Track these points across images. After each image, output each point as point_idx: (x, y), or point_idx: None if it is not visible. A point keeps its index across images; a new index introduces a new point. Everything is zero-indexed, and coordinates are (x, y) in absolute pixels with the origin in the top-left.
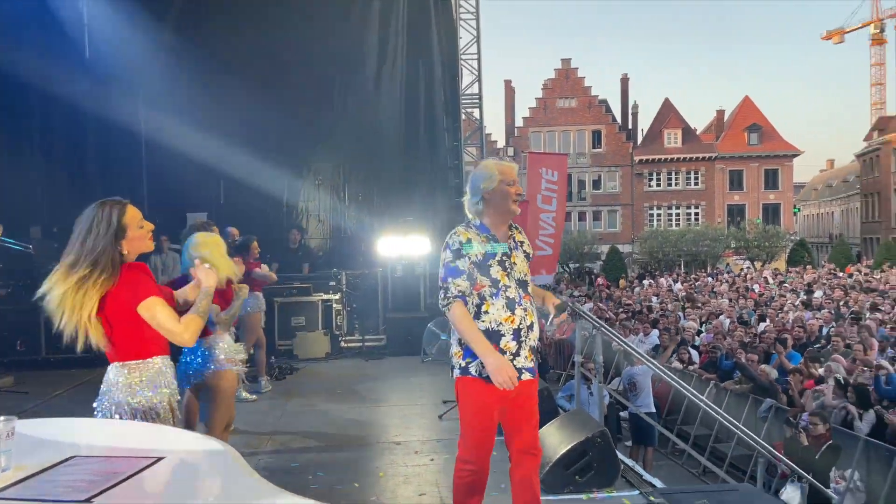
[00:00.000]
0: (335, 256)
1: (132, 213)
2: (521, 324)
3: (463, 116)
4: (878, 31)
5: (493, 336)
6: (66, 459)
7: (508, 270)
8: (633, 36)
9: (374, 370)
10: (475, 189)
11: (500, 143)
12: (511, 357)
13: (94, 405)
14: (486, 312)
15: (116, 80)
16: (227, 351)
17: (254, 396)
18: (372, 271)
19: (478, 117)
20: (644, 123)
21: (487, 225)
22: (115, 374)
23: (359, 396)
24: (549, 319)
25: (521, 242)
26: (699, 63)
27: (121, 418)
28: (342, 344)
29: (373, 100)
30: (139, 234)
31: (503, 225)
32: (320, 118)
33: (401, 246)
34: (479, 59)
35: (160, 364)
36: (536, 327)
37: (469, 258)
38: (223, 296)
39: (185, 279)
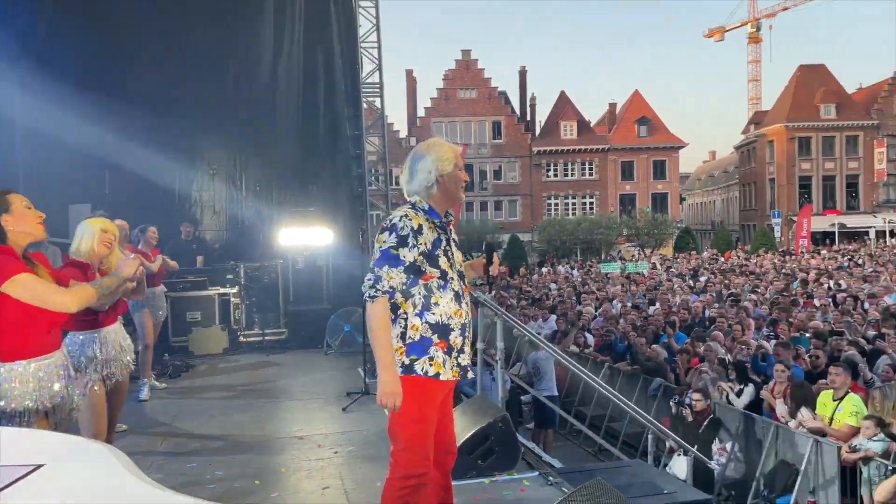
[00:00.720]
0: (232, 249)
1: (18, 196)
2: (466, 318)
3: (364, 106)
4: (755, 29)
5: (443, 330)
6: None
7: (451, 261)
8: (530, 29)
9: (274, 364)
10: (429, 169)
11: (403, 133)
12: (457, 353)
13: None
14: (437, 304)
15: None
16: (111, 345)
17: (147, 396)
18: (272, 263)
19: (379, 106)
20: (541, 115)
21: (436, 210)
22: None
23: (259, 392)
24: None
25: (451, 230)
26: (592, 57)
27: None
28: (241, 339)
29: (269, 86)
30: (26, 212)
31: (443, 212)
32: (214, 105)
33: (302, 237)
34: (379, 48)
35: (35, 365)
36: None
37: (417, 248)
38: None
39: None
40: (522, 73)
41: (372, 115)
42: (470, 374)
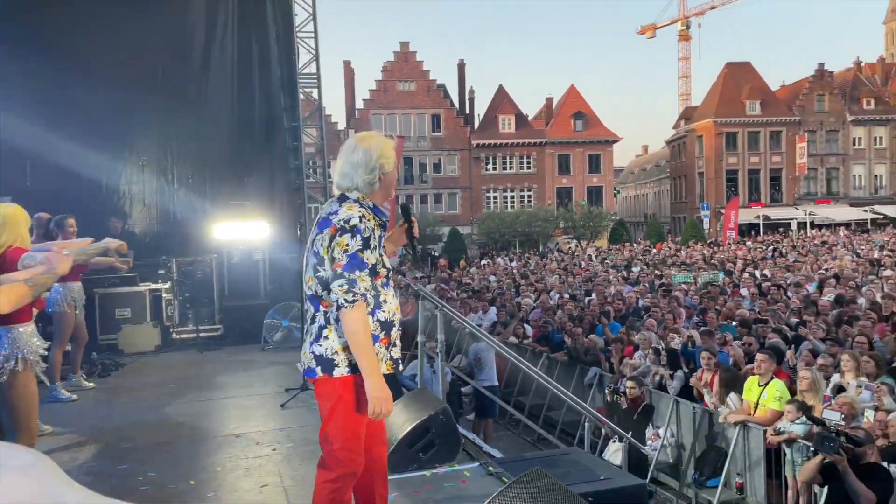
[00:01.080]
0: (164, 243)
1: None
2: (400, 312)
3: (301, 97)
4: (685, 27)
5: (388, 326)
6: None
7: (387, 256)
8: (468, 23)
9: (209, 361)
10: (373, 166)
11: (341, 125)
12: (391, 347)
13: None
14: (385, 302)
15: None
16: (26, 343)
17: (74, 396)
18: (206, 258)
19: (317, 98)
20: (480, 108)
21: (379, 207)
22: None
23: (193, 389)
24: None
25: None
26: (530, 51)
27: None
28: (174, 336)
29: (201, 74)
30: None
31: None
32: (143, 93)
33: (238, 231)
34: (315, 38)
35: None
36: None
37: (377, 249)
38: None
39: None
40: (461, 67)
41: (309, 107)
42: (399, 366)
